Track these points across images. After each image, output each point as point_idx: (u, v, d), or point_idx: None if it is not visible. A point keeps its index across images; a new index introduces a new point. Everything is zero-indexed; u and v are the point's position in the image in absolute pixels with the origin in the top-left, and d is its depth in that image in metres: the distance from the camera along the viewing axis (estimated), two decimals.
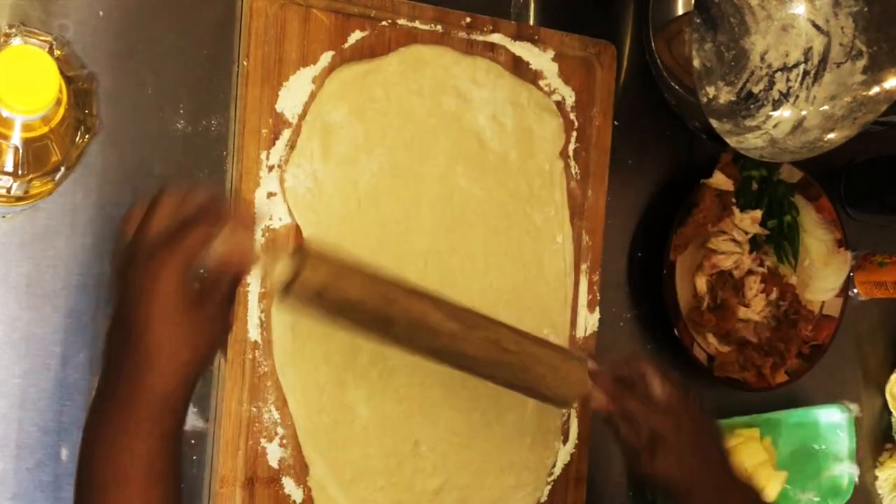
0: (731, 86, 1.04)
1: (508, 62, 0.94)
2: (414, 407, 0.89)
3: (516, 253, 0.94)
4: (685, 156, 1.07)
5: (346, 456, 0.86)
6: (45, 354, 0.77)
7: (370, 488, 0.87)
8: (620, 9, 1.04)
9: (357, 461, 0.87)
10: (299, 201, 0.84)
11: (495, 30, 0.93)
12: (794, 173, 1.09)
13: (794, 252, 1.11)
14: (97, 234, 0.78)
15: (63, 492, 0.77)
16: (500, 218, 0.93)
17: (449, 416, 0.91)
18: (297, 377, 0.84)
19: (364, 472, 0.87)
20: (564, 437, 0.97)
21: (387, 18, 0.88)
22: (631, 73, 1.04)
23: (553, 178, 0.96)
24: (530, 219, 0.94)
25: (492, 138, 0.93)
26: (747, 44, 1.05)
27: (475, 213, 0.92)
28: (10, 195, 0.69)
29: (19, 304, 0.76)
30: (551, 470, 0.97)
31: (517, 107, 0.94)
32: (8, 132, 0.63)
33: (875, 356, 1.22)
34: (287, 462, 0.84)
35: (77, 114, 0.68)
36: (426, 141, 0.90)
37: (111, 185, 0.79)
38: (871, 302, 1.17)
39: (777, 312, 1.09)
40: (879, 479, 1.21)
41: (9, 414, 0.76)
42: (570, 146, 0.97)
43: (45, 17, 0.76)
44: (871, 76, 1.01)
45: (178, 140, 0.81)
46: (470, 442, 0.92)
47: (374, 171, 0.87)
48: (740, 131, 1.03)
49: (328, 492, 0.85)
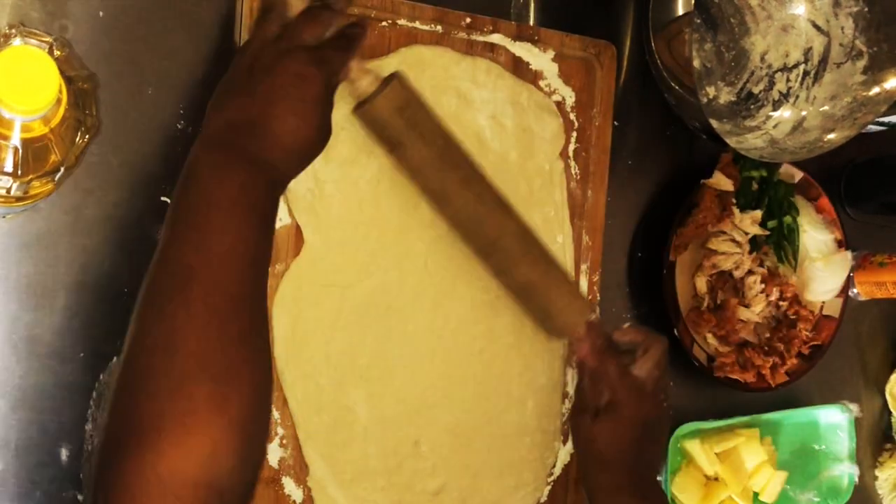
0: (731, 86, 1.04)
1: (508, 62, 0.94)
2: (414, 407, 0.89)
3: None
4: (685, 156, 1.07)
5: (345, 456, 0.86)
6: (45, 354, 0.77)
7: (370, 488, 0.87)
8: (620, 9, 1.04)
9: (357, 461, 0.87)
10: (300, 202, 0.84)
11: (495, 30, 0.93)
12: (794, 174, 1.09)
13: (794, 252, 1.11)
14: (97, 235, 0.78)
15: (63, 492, 0.77)
16: None
17: (449, 416, 0.91)
18: (296, 376, 0.84)
19: (364, 473, 0.87)
20: (564, 438, 0.97)
21: (387, 19, 0.88)
22: (631, 73, 1.03)
23: (553, 178, 0.96)
24: (530, 219, 0.94)
25: (492, 138, 0.93)
26: (747, 44, 1.05)
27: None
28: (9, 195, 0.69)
29: (19, 304, 0.76)
30: (551, 470, 0.97)
31: (517, 107, 0.94)
32: (8, 132, 0.63)
33: (875, 356, 1.22)
34: (287, 462, 0.84)
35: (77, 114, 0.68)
36: None
37: (111, 185, 0.79)
38: (871, 302, 1.17)
39: (777, 313, 1.09)
40: (879, 479, 1.21)
41: (9, 414, 0.76)
42: (570, 146, 0.97)
43: (45, 18, 0.76)
44: (871, 76, 1.01)
45: (178, 140, 0.81)
46: (470, 442, 0.92)
47: (374, 172, 0.87)
48: (740, 131, 1.03)
49: (328, 492, 0.85)
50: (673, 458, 1.03)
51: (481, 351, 0.93)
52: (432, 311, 0.90)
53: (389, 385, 0.88)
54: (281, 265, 0.84)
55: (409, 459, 0.89)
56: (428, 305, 0.90)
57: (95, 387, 0.78)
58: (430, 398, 0.90)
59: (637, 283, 1.04)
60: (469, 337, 0.92)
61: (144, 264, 0.79)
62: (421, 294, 0.89)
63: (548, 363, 0.96)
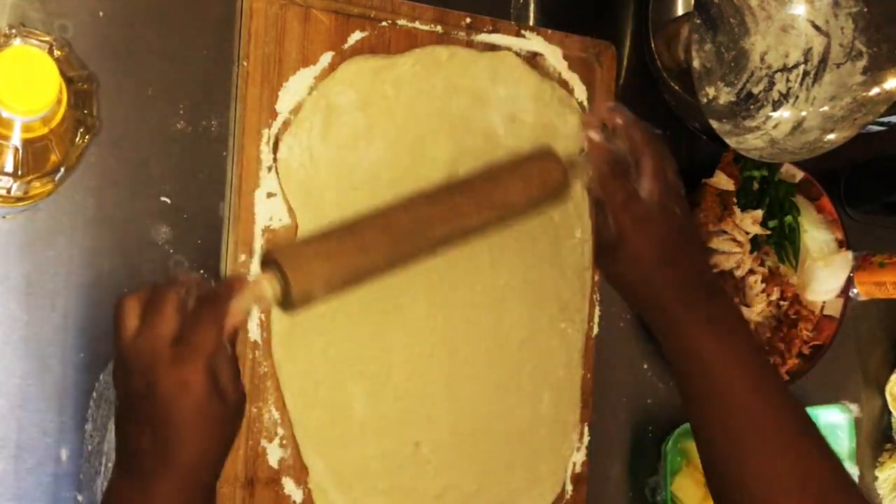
0: (730, 86, 1.04)
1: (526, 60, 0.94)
2: (413, 407, 0.89)
3: (529, 248, 0.94)
4: (685, 156, 1.07)
5: (344, 456, 0.86)
6: (45, 354, 0.77)
7: (371, 491, 0.87)
8: (620, 9, 1.04)
9: (356, 462, 0.86)
10: (291, 175, 0.83)
11: (495, 30, 0.93)
12: (794, 173, 1.10)
13: (795, 252, 1.11)
14: (97, 235, 0.79)
15: (63, 492, 0.77)
16: None
17: (450, 416, 0.90)
18: (293, 371, 0.84)
19: (364, 475, 0.87)
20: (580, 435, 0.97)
21: (387, 19, 0.88)
22: (631, 73, 1.04)
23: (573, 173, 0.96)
24: (546, 214, 0.94)
25: (506, 135, 0.92)
26: (747, 44, 1.05)
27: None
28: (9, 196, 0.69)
29: (19, 304, 0.76)
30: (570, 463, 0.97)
31: (539, 102, 0.94)
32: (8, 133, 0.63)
33: (875, 356, 1.22)
34: (287, 462, 0.84)
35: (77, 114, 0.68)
36: (429, 143, 0.89)
37: (111, 185, 0.79)
38: (871, 302, 1.17)
39: (778, 312, 1.09)
40: (879, 479, 1.21)
41: (9, 414, 0.76)
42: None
43: (45, 18, 0.76)
44: (871, 77, 1.01)
45: (178, 140, 0.81)
46: (475, 442, 0.92)
47: (372, 161, 0.86)
48: (740, 132, 1.03)
49: (328, 494, 0.85)
50: (673, 458, 1.03)
51: (486, 349, 0.92)
52: (432, 309, 0.90)
53: (388, 383, 0.88)
54: None
55: (410, 462, 0.89)
56: (428, 303, 0.89)
57: (95, 387, 0.78)
58: (430, 398, 0.90)
59: None
60: (472, 335, 0.92)
61: (144, 264, 0.80)
62: (421, 291, 0.89)
63: (566, 355, 0.97)
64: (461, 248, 0.90)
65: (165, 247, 0.81)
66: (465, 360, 0.91)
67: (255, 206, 0.82)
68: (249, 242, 0.82)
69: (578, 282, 0.97)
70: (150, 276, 0.80)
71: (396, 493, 0.88)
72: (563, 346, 0.96)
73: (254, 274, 0.73)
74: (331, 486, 0.85)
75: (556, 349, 0.96)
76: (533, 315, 0.94)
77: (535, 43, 0.94)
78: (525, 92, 0.93)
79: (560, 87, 0.96)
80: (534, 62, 0.95)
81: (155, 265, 0.80)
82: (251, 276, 0.74)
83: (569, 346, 0.97)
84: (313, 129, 0.84)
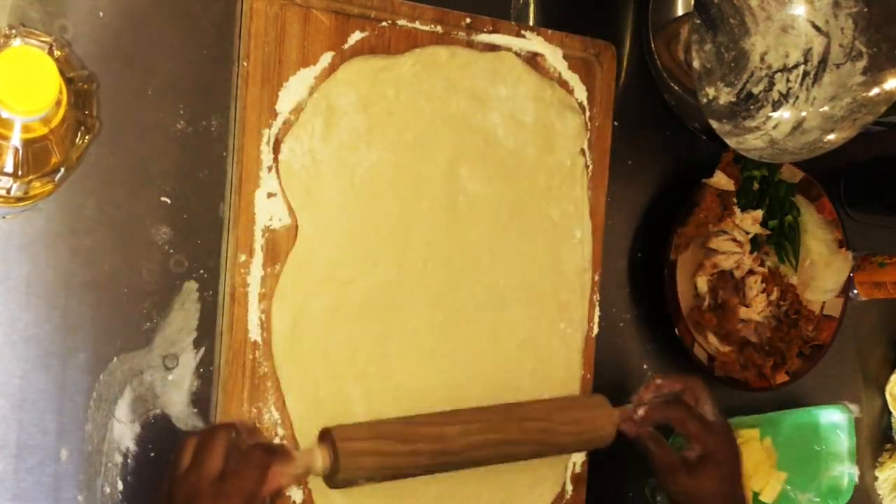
0: (730, 87, 1.04)
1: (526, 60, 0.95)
2: (413, 405, 0.89)
3: (529, 249, 0.95)
4: (685, 156, 1.07)
5: None
6: (45, 354, 0.77)
7: (369, 491, 0.86)
8: (620, 9, 1.04)
9: None
10: (293, 177, 0.83)
11: (495, 30, 0.93)
12: (795, 173, 1.10)
13: (795, 252, 1.11)
14: (97, 235, 0.78)
15: (63, 492, 0.77)
16: (511, 215, 0.93)
17: None
18: (293, 371, 0.84)
19: None
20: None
21: (387, 19, 0.88)
22: (631, 73, 1.04)
23: (574, 174, 0.96)
24: (546, 215, 0.94)
25: (505, 136, 0.93)
26: (747, 45, 1.05)
27: (481, 211, 0.92)
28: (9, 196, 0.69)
29: (19, 304, 0.76)
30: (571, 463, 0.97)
31: (540, 103, 0.94)
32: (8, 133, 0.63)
33: (875, 356, 1.23)
34: None
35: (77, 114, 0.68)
36: (429, 144, 0.89)
37: (111, 185, 0.79)
38: (871, 302, 1.17)
39: (778, 312, 1.09)
40: (879, 480, 1.21)
41: (9, 414, 0.76)
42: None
43: (45, 18, 0.76)
44: (871, 77, 1.01)
45: (178, 140, 0.81)
46: None
47: (373, 162, 0.87)
48: (740, 132, 1.03)
49: (328, 495, 0.85)
50: None
51: (486, 349, 0.92)
52: (433, 309, 0.90)
53: (388, 383, 0.88)
54: (281, 265, 0.83)
55: None
56: (428, 303, 0.90)
57: (95, 387, 0.78)
58: (429, 398, 0.90)
59: (637, 282, 1.04)
60: (472, 335, 0.92)
61: (144, 264, 0.80)
62: (421, 291, 0.89)
63: (566, 355, 0.97)
64: (461, 248, 0.91)
65: (165, 247, 0.81)
66: (465, 360, 0.91)
67: (256, 206, 0.82)
68: (249, 242, 0.82)
69: (578, 282, 0.97)
70: (150, 276, 0.80)
71: (395, 494, 0.88)
72: (563, 346, 0.97)
73: (308, 446, 0.81)
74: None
75: (555, 349, 0.96)
76: (533, 315, 0.94)
77: (535, 43, 0.95)
78: (525, 92, 0.93)
79: (560, 88, 0.96)
80: (534, 62, 0.95)
81: (155, 265, 0.80)
82: (305, 447, 0.81)
83: (568, 346, 0.97)
84: (315, 130, 0.84)
